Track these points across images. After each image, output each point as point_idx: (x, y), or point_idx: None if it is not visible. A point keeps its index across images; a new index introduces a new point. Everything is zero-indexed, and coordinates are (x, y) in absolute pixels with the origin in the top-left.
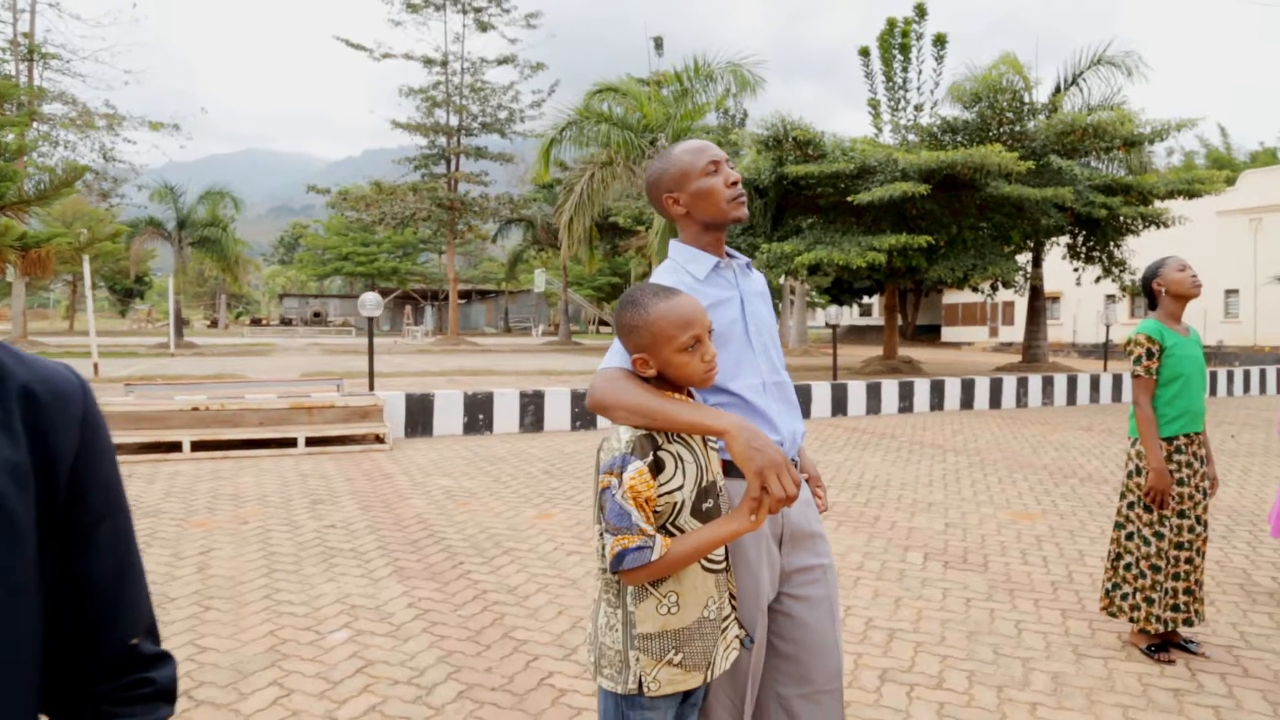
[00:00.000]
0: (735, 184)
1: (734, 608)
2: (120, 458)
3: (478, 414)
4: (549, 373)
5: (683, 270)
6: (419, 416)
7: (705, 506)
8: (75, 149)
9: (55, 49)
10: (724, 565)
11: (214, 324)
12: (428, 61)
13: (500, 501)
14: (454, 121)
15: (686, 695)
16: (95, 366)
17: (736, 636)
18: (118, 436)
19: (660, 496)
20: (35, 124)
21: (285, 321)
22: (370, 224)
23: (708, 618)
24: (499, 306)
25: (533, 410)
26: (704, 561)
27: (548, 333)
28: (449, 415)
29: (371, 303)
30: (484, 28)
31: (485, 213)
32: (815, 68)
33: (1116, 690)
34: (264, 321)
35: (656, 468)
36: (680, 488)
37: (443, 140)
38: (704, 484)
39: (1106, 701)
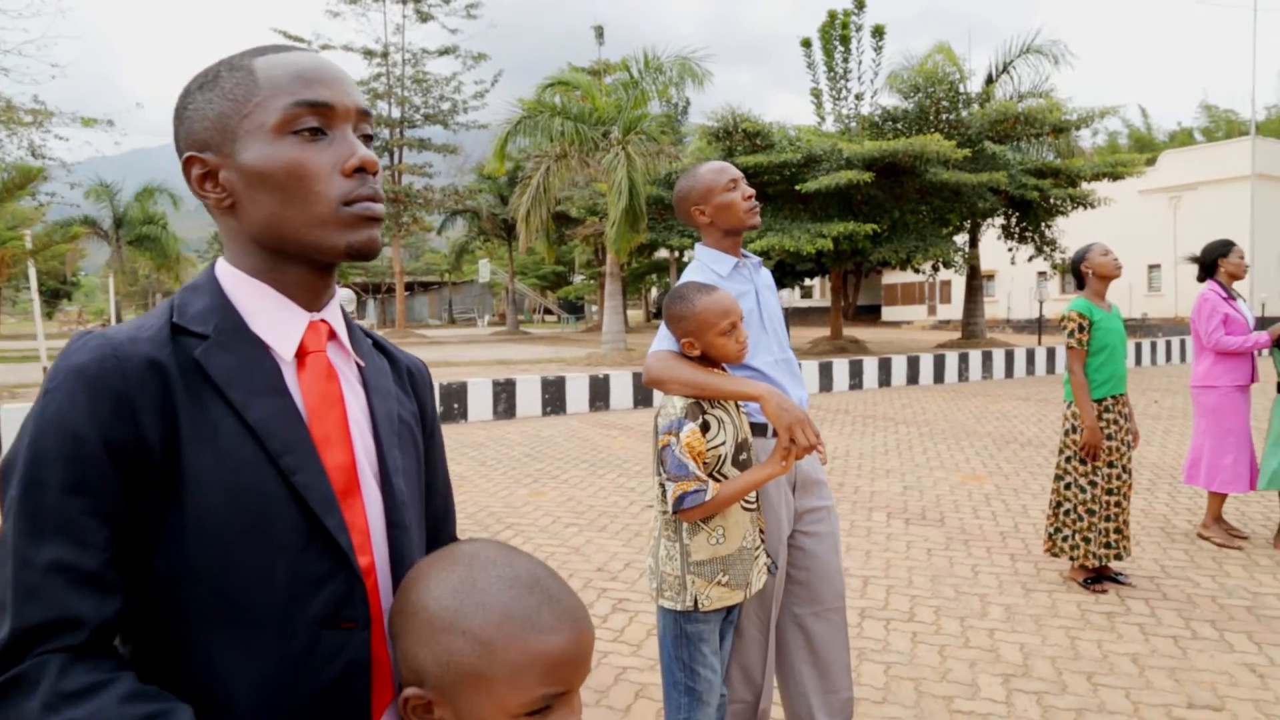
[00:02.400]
0: (750, 197)
1: (763, 540)
2: None
3: (453, 403)
4: (506, 362)
5: (709, 269)
6: None
7: (741, 458)
8: (1, 146)
9: None
10: (756, 506)
11: None
12: (368, 53)
13: (491, 483)
14: (396, 113)
15: (727, 613)
16: (44, 370)
17: (765, 564)
18: None
19: (709, 451)
20: None
21: None
22: None
23: (746, 546)
24: (443, 298)
25: (505, 398)
26: (742, 502)
27: (494, 323)
28: None
29: (344, 298)
30: (424, 18)
31: (430, 205)
32: (751, 53)
33: (1060, 616)
34: None
35: (704, 428)
36: (723, 444)
37: (385, 133)
38: (739, 440)
39: (1052, 625)
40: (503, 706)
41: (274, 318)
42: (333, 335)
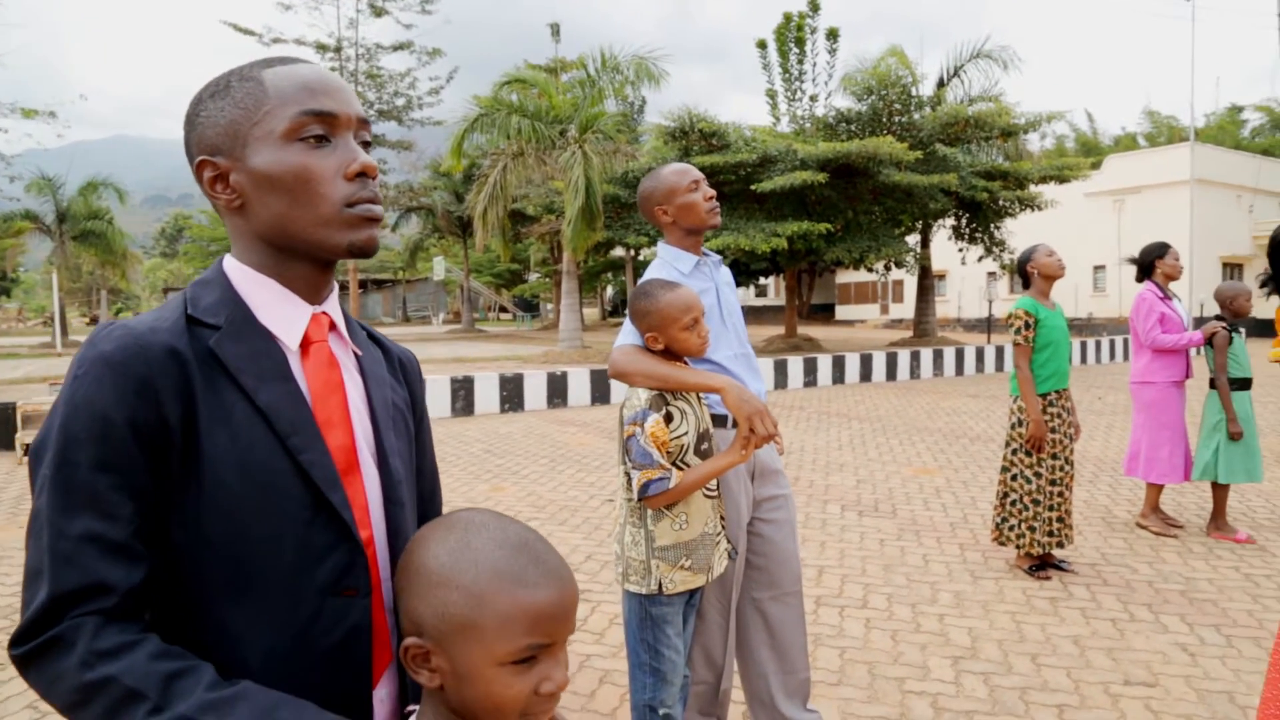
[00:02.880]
0: (711, 198)
1: (723, 526)
2: None
3: None
4: (463, 360)
5: (671, 267)
6: None
7: (703, 448)
8: None
9: None
10: (717, 493)
11: (94, 321)
12: (321, 47)
13: (451, 478)
14: None
15: (690, 596)
16: None
17: (725, 549)
18: None
19: (672, 440)
20: None
21: None
22: None
23: (708, 532)
24: (396, 296)
25: (463, 395)
26: (704, 490)
27: (449, 321)
28: None
29: None
30: (378, 13)
31: (385, 202)
32: (705, 52)
33: (1006, 601)
34: None
35: (668, 419)
36: (686, 434)
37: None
38: (701, 430)
39: (999, 610)
40: (491, 654)
41: (280, 310)
42: (333, 327)
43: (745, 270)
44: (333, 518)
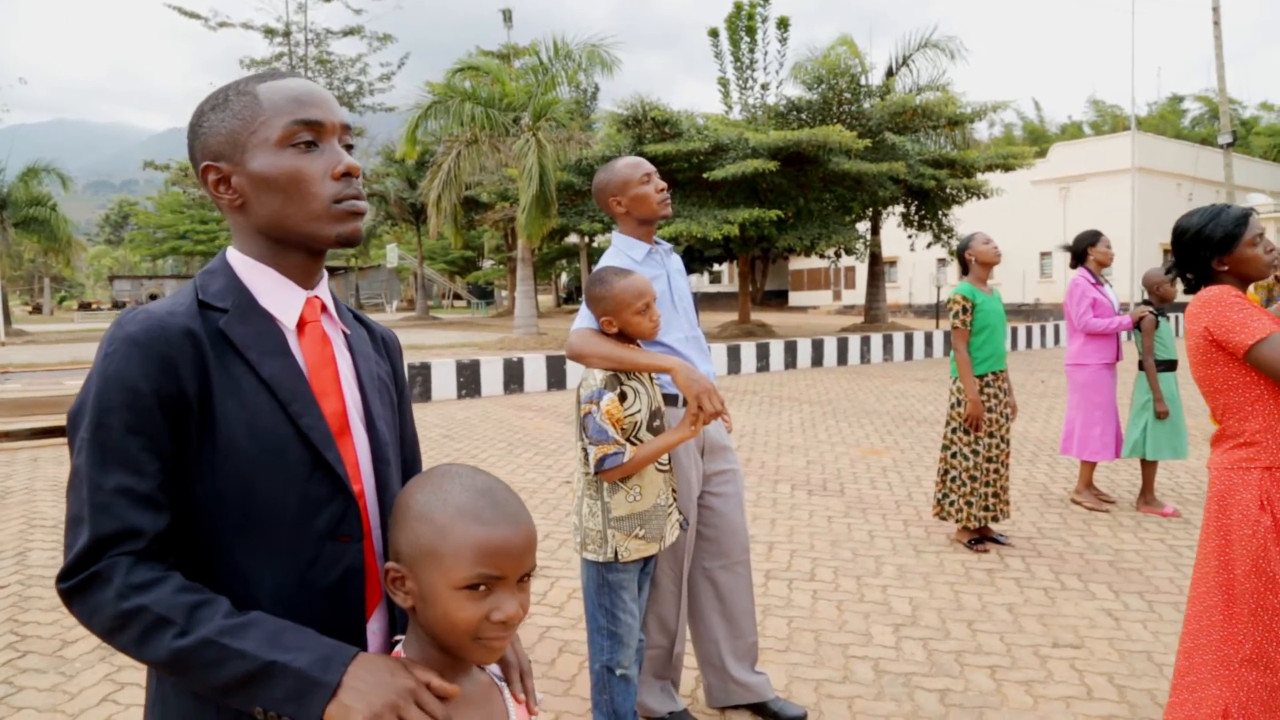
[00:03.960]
0: (663, 190)
1: (675, 498)
2: (15, 444)
3: None
4: (419, 347)
5: (624, 255)
6: None
7: (655, 425)
8: None
9: None
10: (669, 467)
11: (37, 309)
12: (269, 32)
13: None
14: None
15: (644, 564)
16: None
17: (677, 520)
18: (10, 424)
19: (626, 418)
20: None
21: (119, 305)
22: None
23: (660, 504)
24: (349, 283)
25: (420, 381)
26: (656, 464)
27: (402, 308)
28: None
29: None
30: None
31: None
32: (658, 40)
33: (946, 573)
34: (94, 305)
35: (622, 398)
36: (639, 411)
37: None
38: (653, 408)
39: (939, 581)
40: (448, 579)
41: (278, 294)
42: (324, 309)
43: (699, 257)
44: (329, 473)
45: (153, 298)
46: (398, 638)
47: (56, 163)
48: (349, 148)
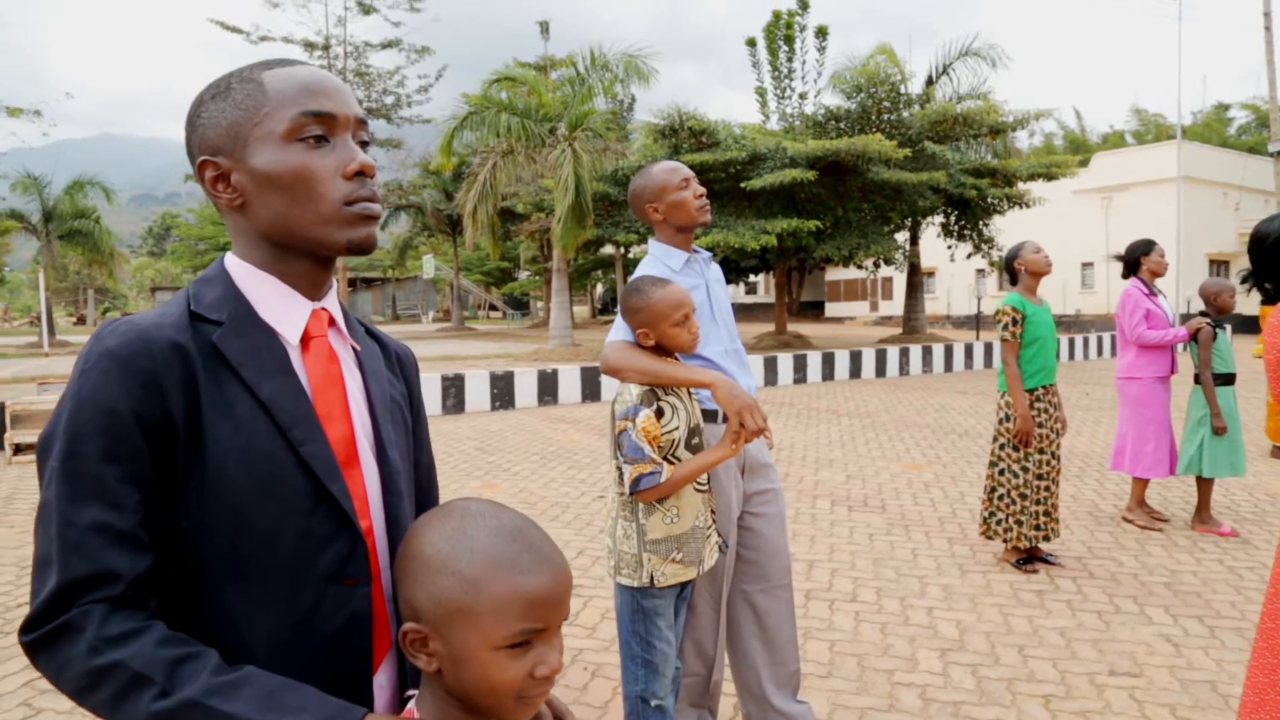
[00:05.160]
0: (702, 196)
1: (714, 520)
2: None
3: None
4: (453, 358)
5: (661, 264)
6: None
7: (694, 442)
8: None
9: None
10: (708, 487)
11: (81, 320)
12: (308, 45)
13: (443, 476)
14: None
15: (681, 589)
16: None
17: (716, 542)
18: None
19: (663, 435)
20: None
21: None
22: None
23: (698, 525)
24: (386, 294)
25: (454, 393)
26: (695, 484)
27: (439, 319)
28: None
29: None
30: (366, 11)
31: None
32: (695, 49)
33: (993, 594)
34: None
35: (659, 414)
36: (677, 429)
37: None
38: (692, 425)
39: (986, 603)
40: (487, 638)
41: (280, 306)
42: (332, 322)
43: (735, 268)
44: (333, 508)
45: None
46: (410, 693)
47: (101, 176)
48: (364, 145)
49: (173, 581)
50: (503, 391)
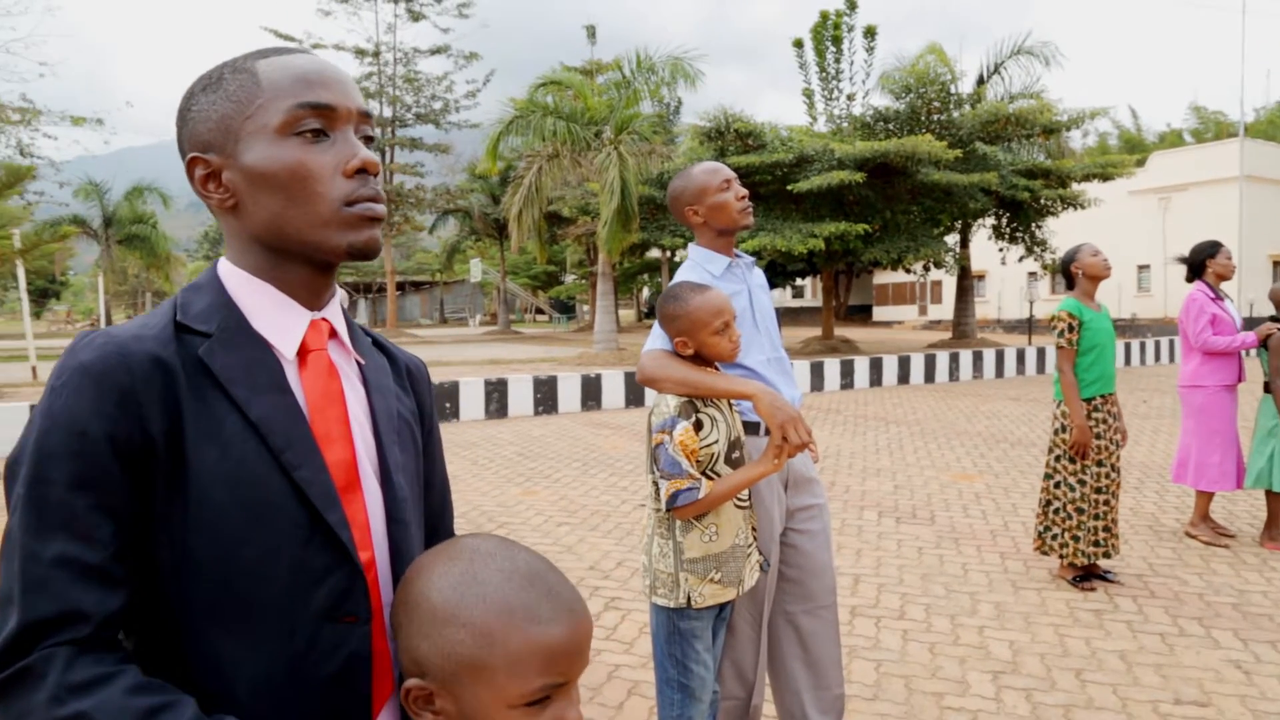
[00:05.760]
0: (744, 198)
1: (755, 537)
2: None
3: (444, 402)
4: (498, 362)
5: (702, 269)
6: None
7: (734, 456)
8: None
9: None
10: (748, 503)
11: None
12: (359, 52)
13: (483, 482)
14: (388, 113)
15: (720, 610)
16: (34, 370)
17: (757, 561)
18: None
19: (702, 449)
20: None
21: None
22: None
23: (739, 544)
24: (434, 297)
25: (497, 398)
26: (735, 500)
27: (485, 322)
28: None
29: (340, 299)
30: (416, 17)
31: (422, 204)
32: (742, 53)
33: (1049, 613)
34: None
35: (697, 426)
36: (716, 442)
37: (376, 132)
38: (732, 438)
39: (1041, 623)
40: (503, 696)
41: (276, 316)
42: (334, 334)
43: (782, 271)
44: (330, 539)
45: None
46: None
47: (159, 183)
48: (368, 140)
49: (152, 620)
50: (546, 396)
